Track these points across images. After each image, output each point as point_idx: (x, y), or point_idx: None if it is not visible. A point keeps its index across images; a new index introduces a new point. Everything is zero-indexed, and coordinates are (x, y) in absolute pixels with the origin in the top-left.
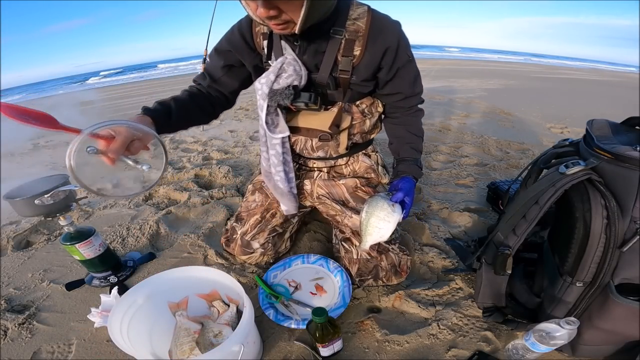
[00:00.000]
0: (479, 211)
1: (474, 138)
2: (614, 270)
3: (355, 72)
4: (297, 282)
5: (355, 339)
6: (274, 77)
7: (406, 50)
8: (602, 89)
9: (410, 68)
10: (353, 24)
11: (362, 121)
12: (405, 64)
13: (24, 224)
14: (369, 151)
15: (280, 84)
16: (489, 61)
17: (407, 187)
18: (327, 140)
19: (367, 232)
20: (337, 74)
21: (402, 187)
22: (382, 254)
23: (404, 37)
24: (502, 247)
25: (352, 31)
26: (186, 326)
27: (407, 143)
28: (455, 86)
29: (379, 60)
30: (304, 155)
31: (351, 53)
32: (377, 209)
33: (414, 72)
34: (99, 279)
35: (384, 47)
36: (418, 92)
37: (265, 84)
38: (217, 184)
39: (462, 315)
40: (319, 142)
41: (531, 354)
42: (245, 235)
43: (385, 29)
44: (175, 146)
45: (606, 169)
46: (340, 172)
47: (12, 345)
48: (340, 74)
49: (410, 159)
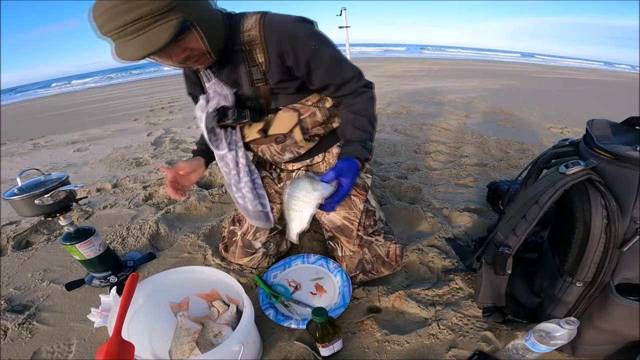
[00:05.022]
0: (479, 211)
1: (474, 138)
2: (614, 270)
3: (269, 78)
4: (297, 282)
5: (355, 339)
6: (205, 102)
7: (307, 41)
8: (602, 89)
9: (322, 56)
10: (248, 35)
11: (312, 113)
12: (313, 54)
13: (24, 224)
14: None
15: (211, 107)
16: (489, 61)
17: (342, 166)
18: (283, 141)
19: (289, 218)
20: (256, 84)
21: (336, 166)
22: (364, 247)
23: (301, 29)
24: (502, 247)
25: (247, 42)
26: (187, 326)
27: (350, 123)
28: (455, 86)
29: (282, 59)
30: (275, 160)
31: (256, 62)
32: (296, 189)
33: (330, 59)
34: (99, 279)
35: (280, 46)
36: (350, 77)
37: (199, 108)
38: (217, 184)
39: (462, 315)
40: (277, 144)
41: (531, 354)
42: (246, 235)
43: (276, 29)
44: (175, 146)
45: (606, 169)
46: (318, 169)
47: (12, 345)
48: (257, 82)
49: (355, 139)
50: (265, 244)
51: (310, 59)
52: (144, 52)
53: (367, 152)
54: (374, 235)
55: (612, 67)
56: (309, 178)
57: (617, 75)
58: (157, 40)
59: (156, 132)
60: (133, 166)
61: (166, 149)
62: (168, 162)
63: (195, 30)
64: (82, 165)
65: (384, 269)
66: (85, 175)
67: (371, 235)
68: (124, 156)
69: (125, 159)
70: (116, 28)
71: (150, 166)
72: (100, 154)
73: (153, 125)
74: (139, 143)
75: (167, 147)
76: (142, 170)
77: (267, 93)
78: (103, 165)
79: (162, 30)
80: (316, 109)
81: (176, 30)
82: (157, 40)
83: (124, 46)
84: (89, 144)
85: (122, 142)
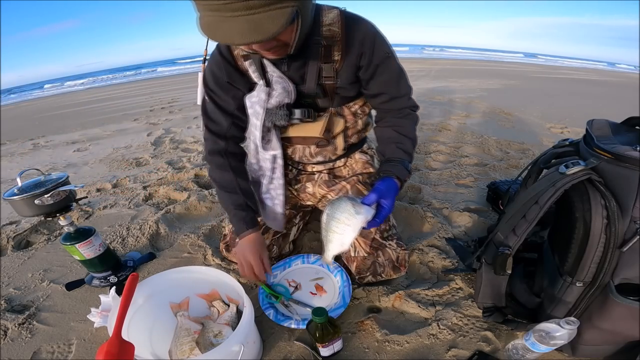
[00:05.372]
0: (479, 211)
1: (474, 138)
2: (614, 270)
3: (339, 77)
4: (297, 282)
5: (355, 339)
6: (265, 96)
7: (382, 46)
8: (602, 89)
9: (390, 65)
10: (328, 30)
11: (355, 122)
12: (384, 60)
13: (24, 224)
14: (365, 149)
15: (271, 103)
16: (489, 61)
17: (383, 188)
18: (325, 146)
19: (327, 239)
20: (323, 82)
21: (377, 188)
22: (379, 250)
23: (379, 34)
24: (502, 247)
25: (328, 37)
26: (187, 326)
27: (394, 143)
28: (455, 86)
29: (358, 60)
30: (303, 161)
31: (331, 59)
32: (338, 210)
33: (395, 70)
34: (99, 279)
35: (360, 47)
36: (404, 93)
37: (258, 103)
38: None
39: (462, 315)
40: (317, 148)
41: (531, 354)
42: None
43: (359, 29)
44: (175, 146)
45: (606, 169)
46: (340, 173)
47: (12, 345)
48: (325, 80)
49: (396, 159)
50: (268, 246)
51: (380, 64)
52: (250, 37)
53: (407, 173)
54: (387, 239)
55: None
56: (351, 200)
57: (617, 75)
58: (268, 27)
59: (156, 132)
60: (133, 166)
61: (166, 149)
62: (168, 162)
63: (297, 22)
64: (82, 165)
65: (393, 273)
66: (85, 175)
67: (386, 239)
68: (124, 156)
69: (125, 159)
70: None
71: (150, 166)
72: (100, 154)
73: (153, 125)
74: (139, 143)
75: (167, 147)
76: (142, 170)
77: (331, 92)
78: (103, 165)
79: (275, 17)
80: (358, 119)
81: (289, 19)
82: (267, 28)
83: (222, 22)
84: (89, 144)
85: (122, 142)
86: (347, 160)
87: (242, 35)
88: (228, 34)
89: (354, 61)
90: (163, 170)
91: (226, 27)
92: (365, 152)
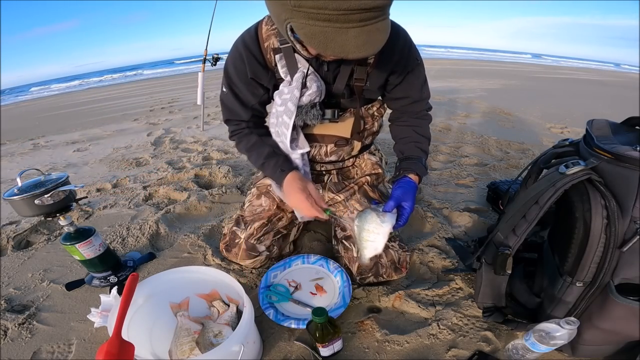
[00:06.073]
0: (479, 211)
1: (474, 138)
2: (613, 270)
3: (369, 79)
4: (297, 282)
5: (355, 339)
6: (299, 93)
7: (415, 53)
8: (602, 89)
9: (419, 72)
10: None
11: (372, 124)
12: (415, 67)
13: (24, 224)
14: (373, 150)
15: (303, 100)
16: (489, 61)
17: (399, 193)
18: (343, 146)
19: (362, 247)
20: (353, 83)
21: (394, 195)
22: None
23: (412, 41)
24: (502, 247)
25: None
26: (187, 326)
27: (412, 142)
28: (455, 86)
29: (392, 65)
30: (316, 160)
31: (366, 61)
32: (366, 222)
33: (422, 76)
34: (99, 279)
35: (396, 52)
36: (426, 96)
37: (290, 100)
38: (217, 184)
39: (462, 315)
40: (335, 147)
41: (531, 354)
42: (250, 238)
43: (399, 35)
44: (175, 146)
45: (606, 169)
46: (348, 174)
47: (12, 345)
48: (356, 82)
49: (415, 157)
50: (269, 247)
51: (411, 70)
52: (367, 51)
53: (425, 170)
54: (390, 240)
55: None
56: (375, 211)
57: (618, 75)
58: (378, 38)
59: (156, 132)
60: (133, 166)
61: (166, 149)
62: (168, 162)
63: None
64: (82, 165)
65: (394, 274)
66: (85, 175)
67: (389, 240)
68: (124, 156)
69: (125, 159)
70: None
71: (150, 166)
72: (100, 154)
73: (153, 125)
74: (139, 143)
75: (167, 147)
76: (142, 170)
77: (358, 93)
78: (103, 165)
79: (382, 28)
80: (375, 121)
81: (389, 29)
82: (378, 39)
83: (336, 34)
84: (89, 144)
85: (122, 142)
86: (356, 161)
87: (358, 48)
88: (344, 46)
89: (388, 65)
90: (163, 170)
91: (341, 40)
92: (374, 153)
